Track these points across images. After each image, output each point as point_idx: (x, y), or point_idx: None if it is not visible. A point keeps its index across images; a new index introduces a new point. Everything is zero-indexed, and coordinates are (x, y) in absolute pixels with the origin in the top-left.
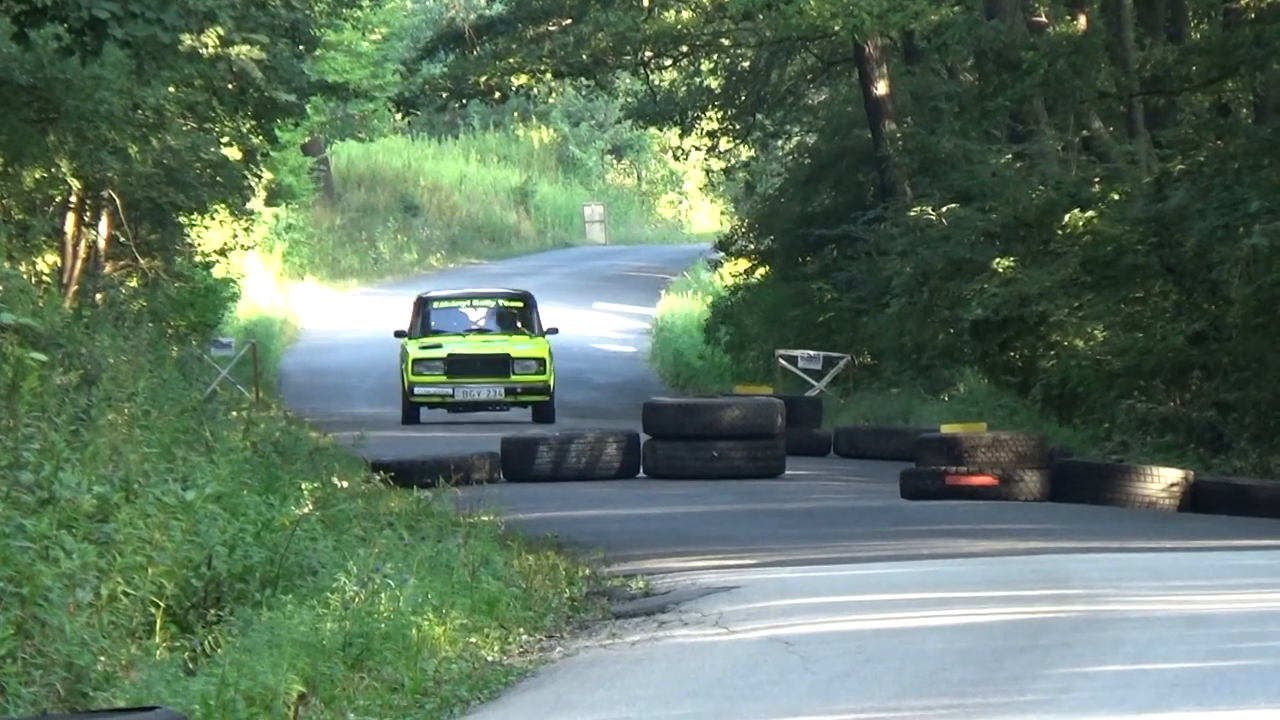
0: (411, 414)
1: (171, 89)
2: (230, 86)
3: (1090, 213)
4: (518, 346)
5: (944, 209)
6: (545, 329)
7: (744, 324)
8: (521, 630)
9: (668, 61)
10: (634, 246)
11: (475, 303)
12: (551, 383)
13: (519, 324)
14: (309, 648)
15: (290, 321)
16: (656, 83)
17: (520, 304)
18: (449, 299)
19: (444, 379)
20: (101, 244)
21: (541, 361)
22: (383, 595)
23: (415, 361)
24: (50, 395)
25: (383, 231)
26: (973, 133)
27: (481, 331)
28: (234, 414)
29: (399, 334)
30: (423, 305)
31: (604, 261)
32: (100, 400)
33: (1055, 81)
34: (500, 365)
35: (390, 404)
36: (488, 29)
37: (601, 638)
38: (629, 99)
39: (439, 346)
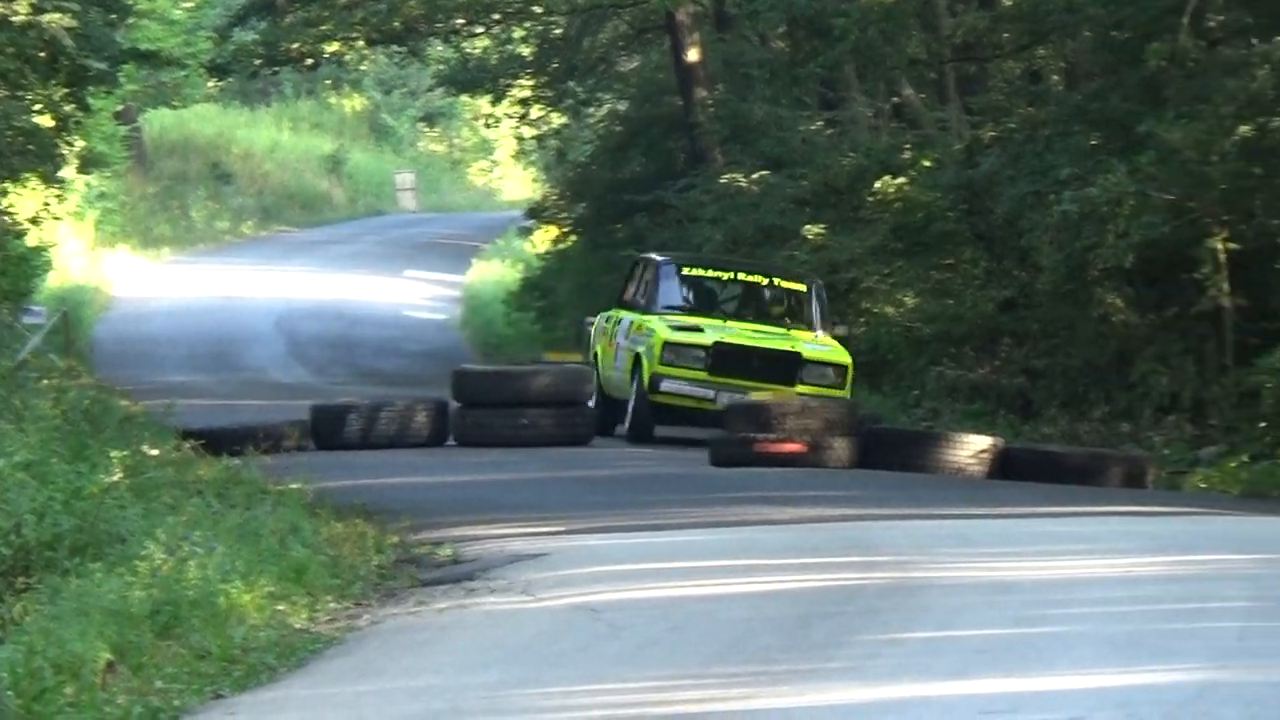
0: (645, 421)
1: None
2: (42, 55)
3: (901, 179)
4: (810, 346)
5: (755, 176)
6: (835, 331)
7: (555, 291)
8: (329, 598)
9: (479, 29)
10: (445, 214)
11: (740, 276)
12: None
13: (796, 319)
14: (117, 615)
15: (103, 290)
16: (468, 50)
17: (803, 288)
18: (703, 266)
19: (705, 376)
20: None
21: (842, 371)
22: (191, 563)
23: (666, 346)
24: None
25: (195, 199)
26: (784, 100)
27: (751, 321)
28: (44, 382)
29: (618, 306)
30: (658, 270)
31: (415, 229)
32: None
33: (866, 48)
34: (786, 367)
35: (202, 371)
36: None
37: (409, 605)
38: (441, 66)
39: (699, 330)
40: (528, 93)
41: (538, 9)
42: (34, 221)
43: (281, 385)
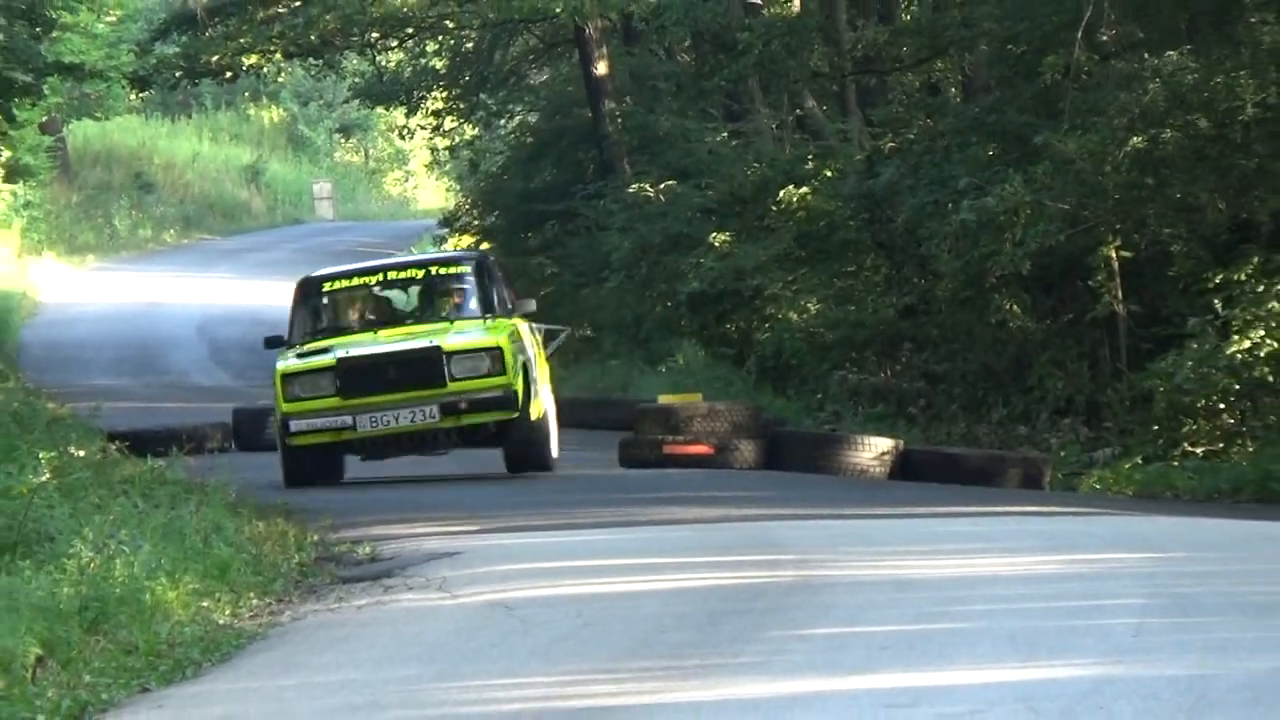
0: (296, 470)
1: None
2: None
3: (804, 189)
4: (458, 336)
5: (662, 186)
6: (513, 306)
7: None
8: (252, 594)
9: (394, 43)
10: (362, 222)
11: (390, 276)
12: (519, 388)
13: (462, 304)
14: (46, 612)
15: (30, 296)
16: (383, 63)
17: (465, 269)
18: (348, 276)
19: (337, 402)
20: None
21: (496, 355)
22: (118, 561)
23: (286, 378)
24: None
25: (118, 208)
26: (690, 112)
27: (400, 323)
28: None
29: (271, 343)
30: (307, 294)
31: (332, 237)
32: None
33: (770, 62)
34: (428, 368)
35: (126, 374)
36: (219, 10)
37: (329, 602)
38: (356, 79)
39: (326, 351)
40: (441, 105)
41: (450, 24)
42: None
43: (204, 388)
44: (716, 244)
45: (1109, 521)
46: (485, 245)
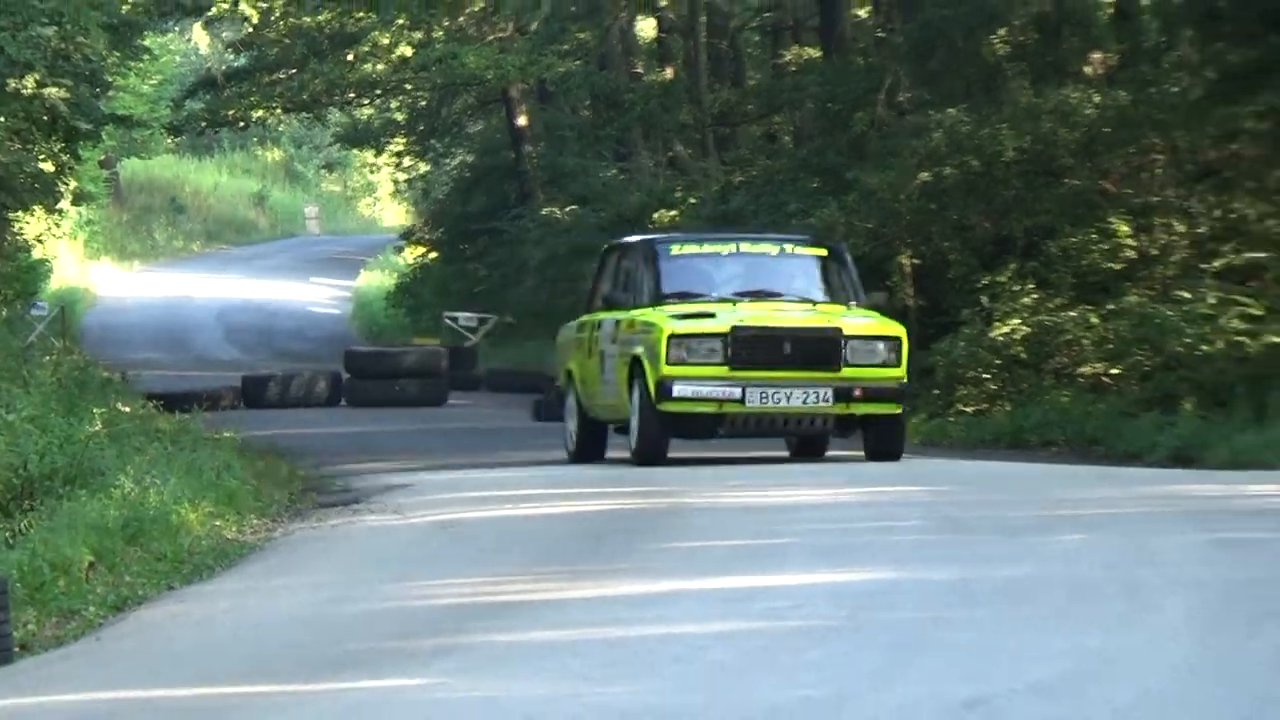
0: (655, 439)
1: (1, 119)
2: (45, 118)
3: (673, 212)
4: (851, 319)
5: (567, 210)
6: (873, 299)
7: (420, 293)
8: (253, 516)
9: (366, 101)
10: (341, 236)
11: (743, 249)
12: (905, 379)
13: (822, 292)
14: (97, 529)
15: (90, 291)
16: (358, 116)
17: (825, 253)
18: (695, 242)
19: (726, 372)
20: None
21: (895, 346)
22: (151, 491)
23: (671, 340)
24: None
25: (158, 225)
26: (589, 153)
27: (767, 300)
28: (47, 358)
29: (589, 311)
30: (643, 254)
31: (319, 248)
32: None
33: (649, 116)
34: (826, 349)
35: (162, 350)
36: (235, 75)
37: (311, 522)
38: (338, 128)
39: (710, 316)
40: (401, 147)
41: (409, 86)
42: (39, 240)
43: (221, 361)
44: None
45: (900, 463)
46: (433, 254)
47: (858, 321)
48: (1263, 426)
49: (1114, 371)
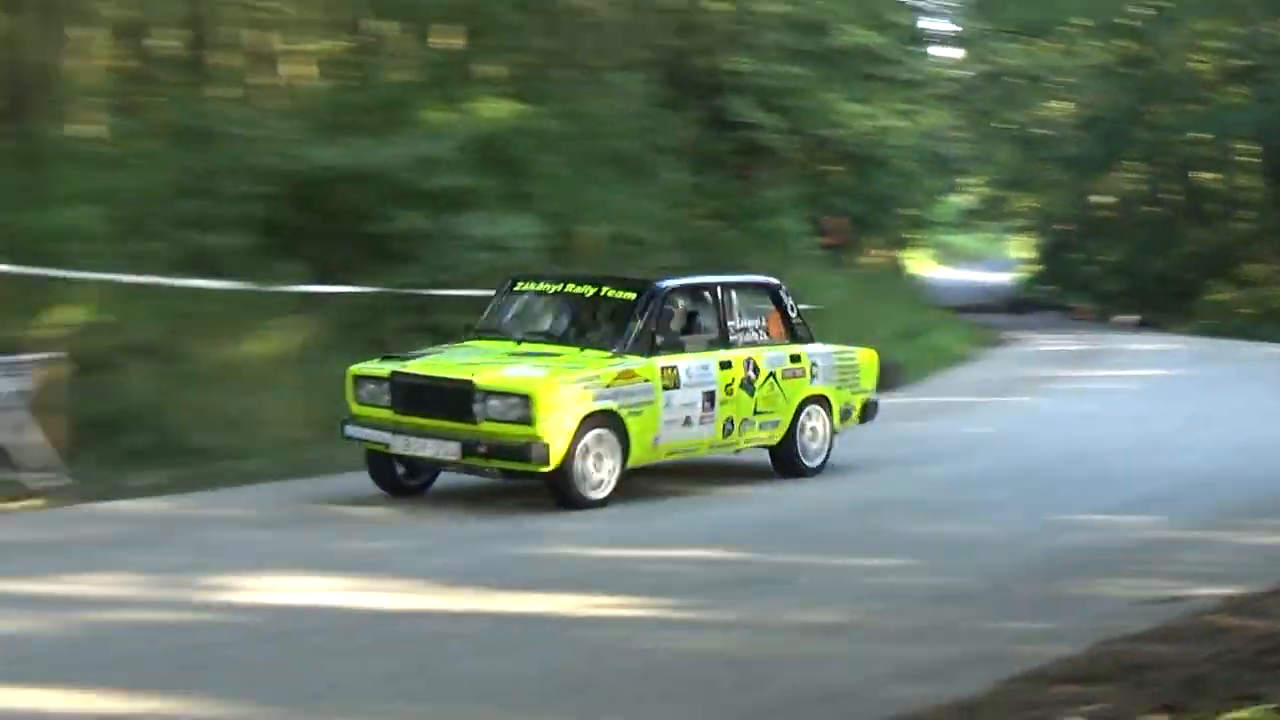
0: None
1: None
2: None
3: None
4: (511, 370)
5: None
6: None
7: None
8: None
9: None
10: None
11: (568, 289)
12: (545, 435)
13: (617, 337)
14: None
15: None
16: None
17: (632, 296)
18: (536, 280)
19: (389, 416)
20: None
21: (525, 403)
22: None
23: (355, 381)
24: None
25: None
26: None
27: (552, 338)
28: None
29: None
30: (499, 286)
31: None
32: None
33: None
34: (460, 400)
35: None
36: None
37: None
38: None
39: (403, 359)
40: None
41: None
42: None
43: None
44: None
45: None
46: None
47: (506, 375)
48: None
49: None
